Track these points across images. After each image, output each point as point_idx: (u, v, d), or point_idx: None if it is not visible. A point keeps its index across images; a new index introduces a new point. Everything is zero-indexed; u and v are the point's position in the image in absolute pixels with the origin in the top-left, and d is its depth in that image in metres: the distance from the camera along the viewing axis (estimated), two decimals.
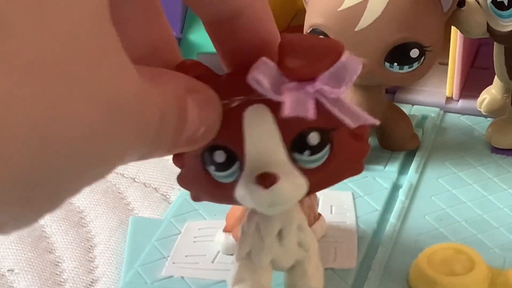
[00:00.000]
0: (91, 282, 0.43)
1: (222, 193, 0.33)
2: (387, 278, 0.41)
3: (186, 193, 0.40)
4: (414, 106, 0.56)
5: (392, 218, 0.45)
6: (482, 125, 0.54)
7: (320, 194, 0.47)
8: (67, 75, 0.20)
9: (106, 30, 0.22)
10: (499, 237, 0.44)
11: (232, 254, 0.40)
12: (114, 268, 0.44)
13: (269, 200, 0.32)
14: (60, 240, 0.46)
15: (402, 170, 0.50)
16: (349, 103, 0.30)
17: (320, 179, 0.33)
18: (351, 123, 0.30)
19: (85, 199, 0.49)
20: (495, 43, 0.50)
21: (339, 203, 0.46)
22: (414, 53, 0.47)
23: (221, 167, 0.32)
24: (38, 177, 0.21)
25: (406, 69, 0.47)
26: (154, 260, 0.43)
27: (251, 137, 0.31)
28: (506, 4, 0.46)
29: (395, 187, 0.48)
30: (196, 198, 0.34)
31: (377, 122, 0.30)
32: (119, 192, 0.50)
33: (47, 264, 0.44)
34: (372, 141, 0.52)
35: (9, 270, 0.44)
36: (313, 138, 0.31)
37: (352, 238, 0.44)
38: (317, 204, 0.43)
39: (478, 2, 0.47)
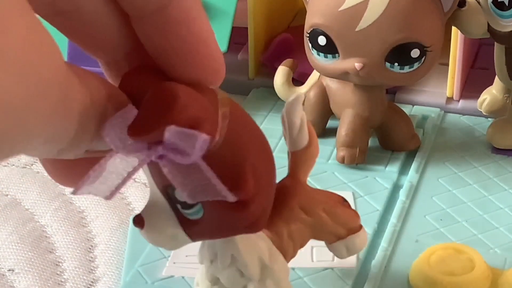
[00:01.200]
0: (92, 282, 0.43)
1: None
2: (387, 278, 0.41)
3: None
4: (415, 106, 0.56)
5: (393, 218, 0.45)
6: (482, 125, 0.54)
7: None
8: None
9: (15, 3, 0.22)
10: (499, 237, 0.44)
11: None
12: (115, 268, 0.44)
13: (144, 238, 0.33)
14: (60, 240, 0.46)
15: (403, 170, 0.50)
16: (205, 176, 0.28)
17: (199, 230, 0.32)
18: (191, 196, 0.28)
19: (86, 199, 0.49)
20: (495, 43, 0.50)
21: None
22: (415, 53, 0.47)
23: None
24: None
25: (406, 69, 0.47)
26: (155, 260, 0.43)
27: (148, 176, 0.31)
28: (506, 4, 0.46)
29: (396, 187, 0.48)
30: None
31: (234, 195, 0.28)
32: (119, 192, 0.50)
33: (48, 264, 0.44)
34: (373, 141, 0.52)
35: (9, 270, 0.44)
36: (179, 194, 0.31)
37: None
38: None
39: (479, 2, 0.47)
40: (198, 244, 0.43)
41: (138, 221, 0.32)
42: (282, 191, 0.36)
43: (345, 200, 0.39)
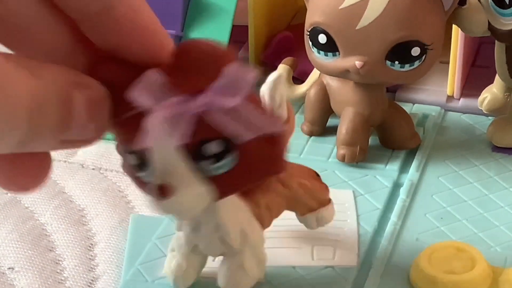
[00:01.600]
0: (92, 280, 0.43)
1: (144, 190, 0.33)
2: (388, 276, 0.41)
3: None
4: (415, 104, 0.56)
5: (393, 217, 0.45)
6: (483, 123, 0.54)
7: None
8: None
9: None
10: (500, 236, 0.44)
11: None
12: (115, 266, 0.44)
13: (166, 211, 0.32)
14: (60, 238, 0.46)
15: (403, 168, 0.50)
16: (250, 112, 0.29)
17: (228, 184, 0.32)
18: (246, 134, 0.29)
19: (86, 198, 0.49)
20: (496, 41, 0.50)
21: (340, 201, 0.46)
22: (415, 51, 0.47)
23: (137, 168, 0.32)
24: None
25: (407, 67, 0.47)
26: (155, 258, 0.43)
27: (155, 145, 0.30)
28: (507, 2, 0.46)
29: (396, 186, 0.48)
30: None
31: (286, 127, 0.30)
32: (119, 190, 0.50)
33: (48, 262, 0.44)
34: (373, 140, 0.52)
35: (9, 268, 0.44)
36: (214, 147, 0.30)
37: (353, 236, 0.44)
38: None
39: (480, 1, 0.47)
40: None
41: (165, 189, 0.31)
42: None
43: (317, 174, 0.42)
